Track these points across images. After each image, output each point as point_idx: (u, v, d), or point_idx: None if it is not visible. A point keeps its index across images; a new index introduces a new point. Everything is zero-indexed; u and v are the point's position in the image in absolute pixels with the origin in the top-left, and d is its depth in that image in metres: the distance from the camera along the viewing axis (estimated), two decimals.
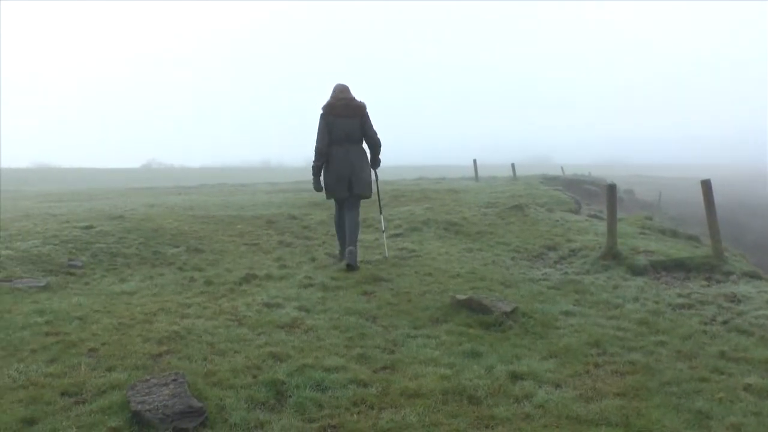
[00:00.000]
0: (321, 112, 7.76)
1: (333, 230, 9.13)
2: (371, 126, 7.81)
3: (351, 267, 7.42)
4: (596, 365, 4.57)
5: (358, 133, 7.78)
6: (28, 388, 3.90)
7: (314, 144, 7.74)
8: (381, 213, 9.06)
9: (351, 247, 7.59)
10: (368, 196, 8.06)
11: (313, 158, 7.81)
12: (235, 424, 3.55)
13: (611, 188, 8.82)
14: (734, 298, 6.36)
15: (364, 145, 7.94)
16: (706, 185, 8.06)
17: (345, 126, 7.68)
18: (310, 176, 8.12)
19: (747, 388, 4.08)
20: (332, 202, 8.23)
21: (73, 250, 8.12)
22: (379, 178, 8.64)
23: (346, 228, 7.81)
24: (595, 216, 14.33)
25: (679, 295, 6.52)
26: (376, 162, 8.12)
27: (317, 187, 7.96)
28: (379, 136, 7.91)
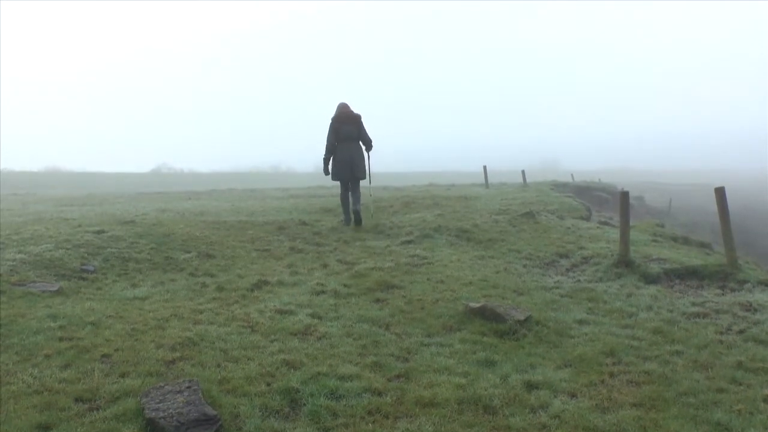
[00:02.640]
0: (330, 120, 10.94)
1: (345, 237, 10.41)
2: (365, 130, 11.05)
3: (357, 221, 11.07)
4: (611, 375, 4.53)
5: (356, 134, 10.98)
6: (43, 393, 3.91)
7: (325, 143, 10.94)
8: (369, 183, 12.01)
9: (356, 208, 11.03)
10: (363, 178, 11.16)
11: (324, 152, 10.98)
12: None
13: (624, 195, 8.76)
14: (750, 307, 6.29)
15: (361, 143, 11.10)
16: (720, 193, 7.99)
17: (346, 130, 10.89)
18: (321, 182, 9.00)
19: (766, 399, 4.04)
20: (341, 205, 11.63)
21: (86, 255, 8.13)
22: (389, 184, 9.60)
23: (351, 199, 11.10)
24: (606, 223, 14.25)
25: (694, 304, 6.46)
26: (369, 148, 11.22)
27: (326, 172, 11.14)
28: (370, 135, 11.13)
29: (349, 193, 11.20)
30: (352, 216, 11.10)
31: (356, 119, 10.91)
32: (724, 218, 7.97)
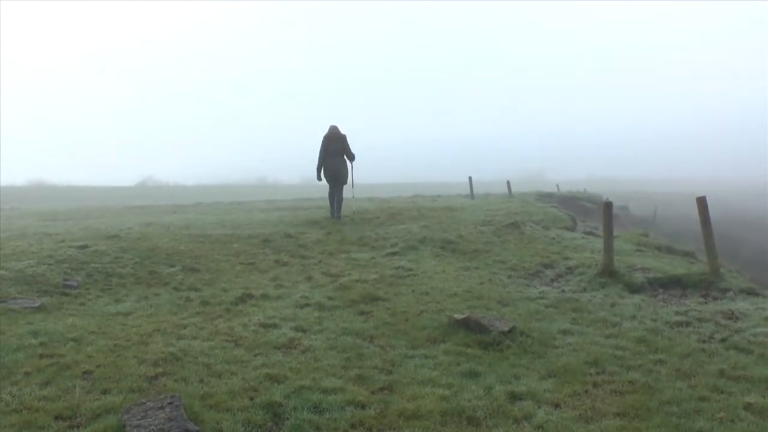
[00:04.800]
0: (322, 138, 13.50)
1: (330, 249, 10.57)
2: (349, 147, 13.57)
3: (338, 218, 13.76)
4: (595, 384, 4.55)
5: (341, 151, 13.51)
6: (22, 412, 3.86)
7: (318, 155, 13.48)
8: (353, 187, 14.73)
9: (338, 215, 13.92)
10: (345, 183, 13.85)
11: (317, 162, 13.48)
12: None
13: (607, 206, 8.82)
14: (732, 315, 6.35)
15: (345, 156, 13.63)
16: (702, 202, 8.07)
17: (334, 147, 13.45)
18: (307, 195, 9.23)
19: (747, 407, 4.06)
20: (327, 215, 14.35)
21: (69, 270, 8.07)
22: (375, 195, 9.75)
23: (335, 201, 13.95)
24: (590, 233, 14.32)
25: (677, 313, 6.51)
26: (352, 160, 13.76)
27: (318, 179, 13.76)
28: (353, 151, 13.67)
29: (335, 196, 14.05)
30: (336, 213, 14.07)
31: (342, 139, 13.53)
32: (706, 227, 8.05)
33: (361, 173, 15.26)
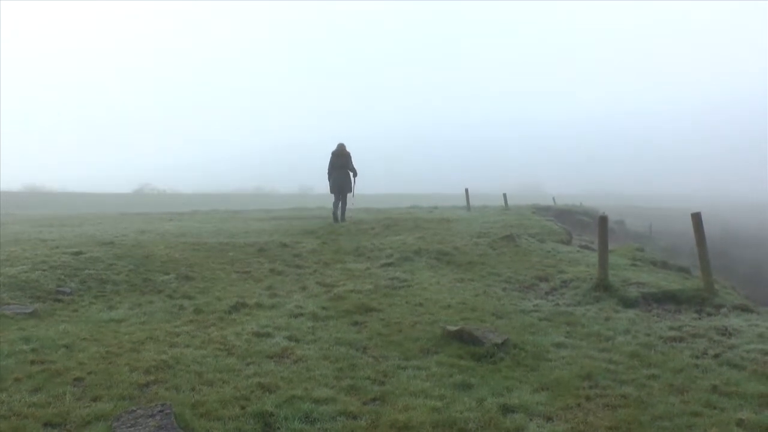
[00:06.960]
0: (330, 154, 15.74)
1: (325, 258, 10.62)
2: (352, 163, 15.80)
3: (342, 220, 15.99)
4: (588, 398, 4.53)
5: (345, 165, 15.66)
6: (10, 418, 3.84)
7: (327, 168, 15.78)
8: (353, 196, 16.72)
9: (342, 218, 15.97)
10: (348, 192, 16.01)
11: (327, 175, 15.81)
12: None
13: (602, 220, 8.84)
14: (725, 332, 6.34)
15: (349, 171, 15.76)
16: (697, 218, 8.08)
17: (340, 162, 15.59)
18: (303, 203, 9.40)
19: (740, 423, 4.05)
20: (323, 224, 15.35)
21: (62, 277, 8.04)
22: (372, 206, 10.25)
23: (338, 207, 16.13)
24: (586, 247, 14.33)
25: (671, 328, 6.50)
26: (355, 175, 15.93)
27: (330, 190, 15.96)
28: (356, 167, 15.93)
29: (339, 203, 16.20)
30: (338, 218, 16.15)
31: (347, 155, 15.78)
32: (701, 243, 8.06)
33: (362, 182, 16.64)
